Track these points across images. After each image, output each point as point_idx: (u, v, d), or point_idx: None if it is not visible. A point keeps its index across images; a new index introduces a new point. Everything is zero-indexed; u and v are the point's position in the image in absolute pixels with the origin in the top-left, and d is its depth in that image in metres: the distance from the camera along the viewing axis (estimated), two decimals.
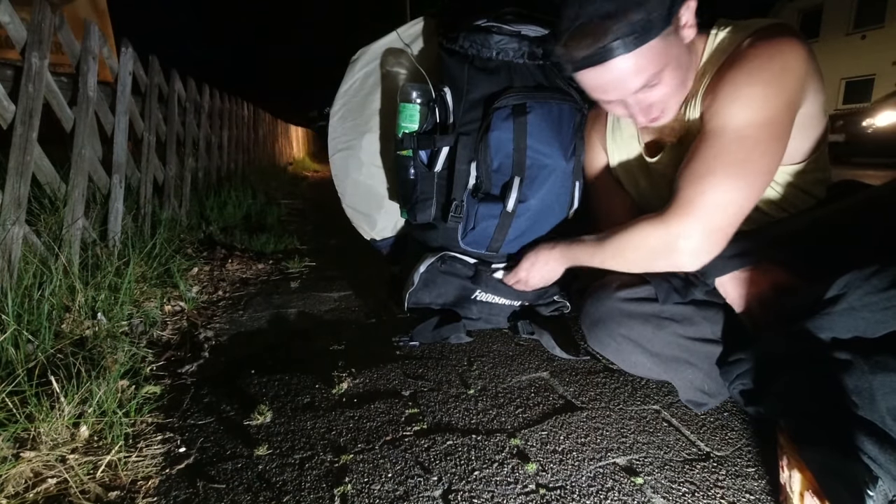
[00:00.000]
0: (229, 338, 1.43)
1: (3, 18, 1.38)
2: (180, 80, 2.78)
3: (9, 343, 1.00)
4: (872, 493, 0.63)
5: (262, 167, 5.17)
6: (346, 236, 2.85)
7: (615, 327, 0.98)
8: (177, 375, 1.19)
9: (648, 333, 0.96)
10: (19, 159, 1.34)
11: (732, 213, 0.85)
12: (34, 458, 0.82)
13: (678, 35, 0.84)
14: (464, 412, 1.02)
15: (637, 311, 0.96)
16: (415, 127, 1.26)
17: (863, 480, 0.64)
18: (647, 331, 0.95)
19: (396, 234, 1.60)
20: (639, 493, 0.78)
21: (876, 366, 0.64)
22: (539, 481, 0.82)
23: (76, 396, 0.93)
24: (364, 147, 1.49)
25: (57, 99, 1.57)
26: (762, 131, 0.82)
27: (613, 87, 0.84)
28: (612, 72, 0.82)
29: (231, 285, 1.90)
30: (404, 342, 1.35)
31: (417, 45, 1.42)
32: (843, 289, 0.67)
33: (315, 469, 0.86)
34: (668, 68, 0.83)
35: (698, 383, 0.96)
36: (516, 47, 1.19)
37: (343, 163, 1.52)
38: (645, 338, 0.96)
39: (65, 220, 1.51)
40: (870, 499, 0.63)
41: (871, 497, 0.63)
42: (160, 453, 0.90)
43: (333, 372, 1.19)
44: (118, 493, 0.79)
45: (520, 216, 1.24)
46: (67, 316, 1.23)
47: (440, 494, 0.79)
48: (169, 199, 2.43)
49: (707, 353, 0.94)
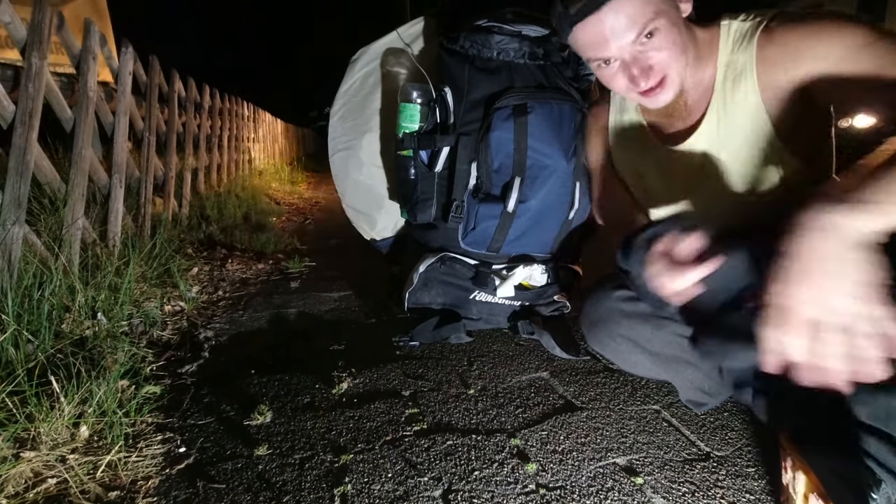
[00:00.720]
0: (229, 338, 1.43)
1: (3, 18, 1.38)
2: (180, 80, 2.78)
3: (9, 343, 1.00)
4: (876, 496, 0.63)
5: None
6: (346, 236, 2.86)
7: (614, 327, 0.98)
8: (177, 375, 1.19)
9: (647, 333, 0.95)
10: (19, 159, 1.34)
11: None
12: (34, 458, 0.82)
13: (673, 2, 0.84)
14: (464, 412, 1.02)
15: (636, 311, 0.96)
16: (415, 127, 1.26)
17: (867, 483, 0.64)
18: (646, 330, 0.95)
19: (396, 234, 1.60)
20: (639, 493, 0.78)
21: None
22: (539, 481, 0.82)
23: (76, 396, 0.93)
24: (364, 147, 1.49)
25: (57, 99, 1.57)
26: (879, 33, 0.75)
27: (609, 38, 0.83)
28: (605, 21, 0.82)
29: (231, 285, 1.90)
30: (404, 342, 1.35)
31: (418, 44, 1.42)
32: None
33: (315, 469, 0.86)
34: (663, 19, 0.82)
35: (698, 383, 0.96)
36: (517, 47, 1.19)
37: (343, 163, 1.52)
38: (644, 337, 0.96)
39: (65, 220, 1.51)
40: (874, 501, 0.63)
41: (875, 500, 0.63)
42: (160, 453, 0.90)
43: (333, 372, 1.19)
44: (118, 493, 0.79)
45: (520, 216, 1.24)
46: (67, 316, 1.23)
47: (440, 494, 0.79)
48: (169, 199, 2.43)
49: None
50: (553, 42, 1.22)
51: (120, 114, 1.94)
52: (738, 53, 0.88)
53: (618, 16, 0.81)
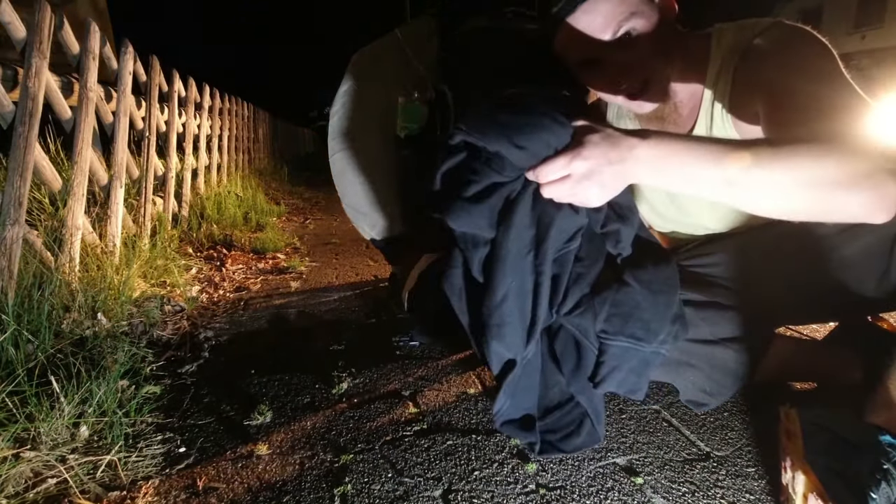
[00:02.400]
0: (229, 338, 1.43)
1: (4, 18, 1.38)
2: (180, 79, 2.78)
3: (9, 343, 1.00)
4: (875, 495, 0.63)
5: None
6: (346, 236, 2.86)
7: None
8: (177, 375, 1.19)
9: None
10: (19, 159, 1.34)
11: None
12: (34, 458, 0.82)
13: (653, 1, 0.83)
14: (464, 412, 1.02)
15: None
16: (415, 126, 1.26)
17: (866, 483, 0.64)
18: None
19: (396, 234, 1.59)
20: (639, 493, 0.78)
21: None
22: (539, 481, 0.82)
23: (76, 396, 0.93)
24: (364, 147, 1.49)
25: (57, 99, 1.57)
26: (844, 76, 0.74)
27: (585, 38, 0.83)
28: (581, 21, 0.82)
29: (231, 285, 1.90)
30: (404, 342, 1.35)
31: (417, 44, 1.42)
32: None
33: (315, 469, 0.86)
34: (640, 20, 0.81)
35: (699, 384, 0.96)
36: None
37: (343, 163, 1.52)
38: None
39: (65, 220, 1.51)
40: (873, 501, 0.63)
41: (875, 500, 0.63)
42: (160, 453, 0.90)
43: (333, 372, 1.19)
44: (118, 493, 0.79)
45: None
46: (67, 316, 1.23)
47: (440, 494, 0.79)
48: (169, 199, 2.43)
49: (707, 354, 0.94)
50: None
51: (120, 114, 1.94)
52: (726, 66, 0.88)
53: (593, 16, 0.81)
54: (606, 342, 0.81)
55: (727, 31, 0.90)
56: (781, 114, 0.75)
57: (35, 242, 1.37)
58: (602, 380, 0.81)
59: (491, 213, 0.76)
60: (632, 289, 0.81)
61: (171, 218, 2.36)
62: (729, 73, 0.87)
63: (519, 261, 0.75)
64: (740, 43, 0.86)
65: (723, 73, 0.88)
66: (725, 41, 0.89)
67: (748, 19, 0.89)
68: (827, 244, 0.88)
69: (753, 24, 0.88)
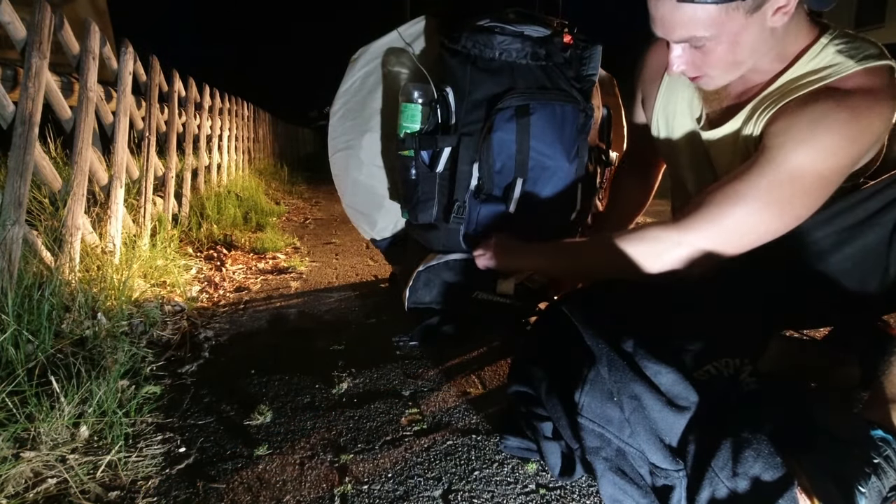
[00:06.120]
0: (229, 338, 1.43)
1: (3, 18, 1.38)
2: (180, 79, 2.78)
3: (9, 343, 1.00)
4: (864, 489, 0.62)
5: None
6: (346, 236, 2.86)
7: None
8: (177, 375, 1.19)
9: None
10: (19, 159, 1.34)
11: (747, 244, 0.86)
12: (34, 458, 0.82)
13: (757, 16, 0.79)
14: (464, 412, 1.02)
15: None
16: (416, 127, 1.26)
17: (854, 477, 0.63)
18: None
19: (396, 233, 1.59)
20: None
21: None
22: (539, 481, 0.82)
23: (76, 396, 0.93)
24: (364, 147, 1.49)
25: (57, 99, 1.57)
26: (818, 181, 0.81)
27: (659, 24, 0.84)
28: (660, 9, 0.82)
29: (231, 285, 1.90)
30: (404, 342, 1.35)
31: (419, 44, 1.42)
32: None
33: (315, 469, 0.86)
34: (718, 43, 0.81)
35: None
36: (519, 48, 1.19)
37: (343, 163, 1.52)
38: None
39: (65, 220, 1.51)
40: (862, 496, 0.62)
41: (864, 494, 0.62)
42: (160, 453, 0.90)
43: (333, 372, 1.19)
44: (118, 493, 0.79)
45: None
46: (67, 316, 1.23)
47: (440, 494, 0.79)
48: (169, 199, 2.42)
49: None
50: (555, 43, 1.21)
51: (120, 114, 1.94)
52: (801, 80, 0.87)
53: (671, 12, 0.80)
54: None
55: (834, 42, 0.87)
56: (724, 178, 0.89)
57: (35, 242, 1.36)
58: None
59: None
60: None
61: (172, 218, 2.36)
62: (800, 90, 0.86)
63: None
64: (833, 72, 0.84)
65: (799, 81, 0.87)
66: (824, 59, 0.86)
67: (857, 42, 0.86)
68: (827, 244, 0.88)
69: (858, 49, 0.85)
